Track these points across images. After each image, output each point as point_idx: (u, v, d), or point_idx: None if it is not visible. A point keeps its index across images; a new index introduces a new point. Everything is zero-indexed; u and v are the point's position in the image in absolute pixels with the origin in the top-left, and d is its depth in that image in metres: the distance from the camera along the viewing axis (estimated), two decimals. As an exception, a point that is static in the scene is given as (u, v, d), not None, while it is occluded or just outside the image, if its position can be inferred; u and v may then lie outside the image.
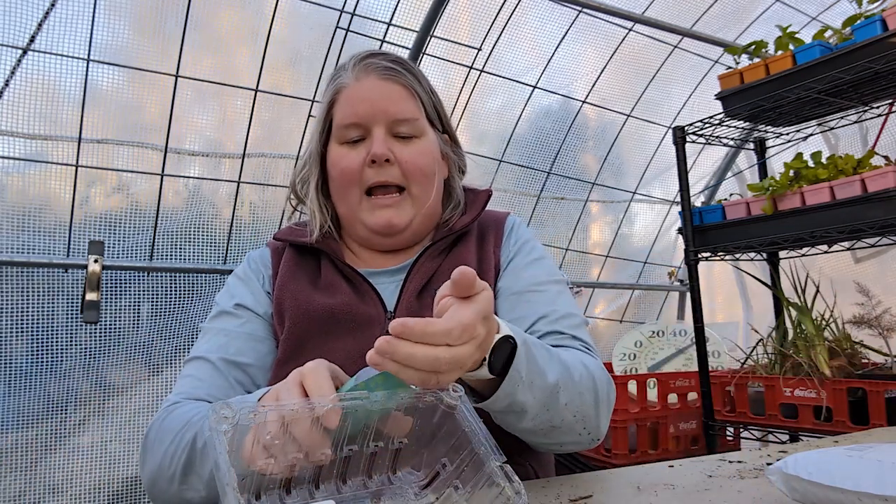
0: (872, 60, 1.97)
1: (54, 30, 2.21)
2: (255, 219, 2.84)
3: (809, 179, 2.17)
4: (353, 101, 1.09)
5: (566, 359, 0.94)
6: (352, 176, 1.10)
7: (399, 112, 1.09)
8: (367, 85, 1.09)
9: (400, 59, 1.14)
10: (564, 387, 0.90)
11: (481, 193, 1.24)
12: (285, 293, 1.11)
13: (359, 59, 1.13)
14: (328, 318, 1.07)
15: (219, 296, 1.18)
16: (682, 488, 0.87)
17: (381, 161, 1.07)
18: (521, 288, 1.12)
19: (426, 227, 1.18)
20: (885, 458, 0.66)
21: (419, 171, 1.11)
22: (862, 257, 3.38)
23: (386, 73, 1.10)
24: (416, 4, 2.78)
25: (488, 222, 1.23)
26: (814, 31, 2.25)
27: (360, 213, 1.12)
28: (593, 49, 3.31)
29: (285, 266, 1.15)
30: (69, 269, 2.39)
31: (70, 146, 2.36)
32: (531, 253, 1.20)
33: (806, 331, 2.15)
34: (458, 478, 0.73)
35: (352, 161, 1.10)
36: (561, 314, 1.09)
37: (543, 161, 3.46)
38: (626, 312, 4.00)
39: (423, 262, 1.12)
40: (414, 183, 1.11)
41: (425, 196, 1.13)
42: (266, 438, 0.65)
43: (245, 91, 2.62)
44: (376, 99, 1.08)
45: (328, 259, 1.15)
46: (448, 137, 1.22)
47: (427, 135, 1.14)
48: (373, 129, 1.09)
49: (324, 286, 1.12)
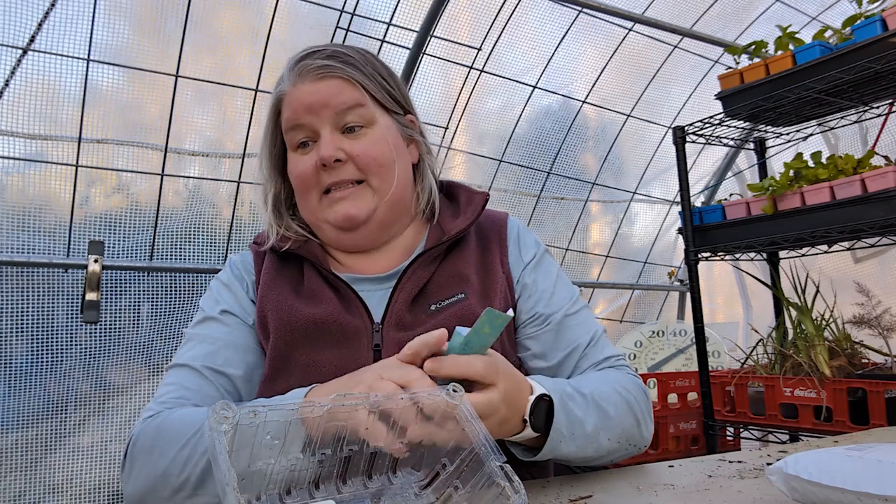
0: (872, 60, 1.97)
1: (54, 30, 2.21)
2: (255, 219, 2.84)
3: (809, 179, 2.17)
4: (293, 104, 1.05)
5: (601, 395, 0.96)
6: (308, 180, 1.06)
7: (340, 104, 1.04)
8: (304, 90, 1.04)
9: (336, 52, 1.07)
10: (603, 427, 0.94)
11: (477, 196, 1.17)
12: (267, 303, 1.06)
13: (293, 62, 1.08)
14: (313, 328, 1.01)
15: (203, 300, 1.13)
16: (682, 488, 0.87)
17: (331, 163, 1.02)
18: (560, 316, 1.09)
19: (395, 216, 1.10)
20: (885, 458, 0.66)
21: (374, 162, 1.05)
22: (862, 257, 3.39)
23: (320, 72, 1.04)
24: (416, 4, 2.78)
25: (487, 225, 1.17)
26: (814, 31, 2.25)
27: (321, 213, 1.07)
28: (593, 49, 3.31)
29: (266, 273, 1.10)
30: (69, 269, 2.39)
31: (70, 146, 2.36)
32: (549, 269, 1.15)
33: (806, 331, 2.15)
34: (458, 478, 0.73)
35: (306, 166, 1.05)
36: (592, 335, 1.10)
37: (543, 161, 3.46)
38: (626, 312, 4.00)
39: (416, 270, 1.06)
40: (372, 175, 1.05)
41: (386, 185, 1.06)
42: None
43: (245, 91, 2.62)
44: (315, 101, 1.04)
45: (311, 265, 1.09)
46: (413, 118, 1.16)
47: (378, 122, 1.07)
48: (320, 130, 1.04)
49: (307, 294, 1.06)
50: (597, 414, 0.93)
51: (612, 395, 0.98)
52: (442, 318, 1.00)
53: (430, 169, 1.17)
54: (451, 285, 1.05)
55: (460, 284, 1.05)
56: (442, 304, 1.03)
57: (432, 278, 1.06)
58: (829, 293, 2.23)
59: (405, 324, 1.01)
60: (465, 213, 1.14)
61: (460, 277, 1.06)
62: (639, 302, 4.09)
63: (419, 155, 1.16)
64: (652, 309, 4.14)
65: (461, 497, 0.72)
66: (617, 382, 1.02)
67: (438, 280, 1.06)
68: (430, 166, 1.17)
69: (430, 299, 1.04)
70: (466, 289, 1.05)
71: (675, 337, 3.51)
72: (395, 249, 1.13)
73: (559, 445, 0.87)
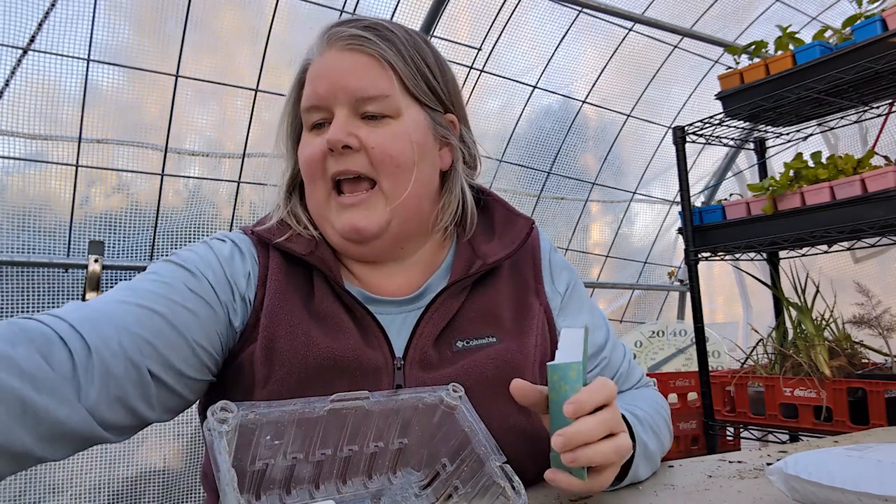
0: (872, 60, 1.97)
1: (54, 30, 2.21)
2: (255, 219, 2.82)
3: (809, 179, 2.17)
4: (314, 78, 0.91)
5: (649, 417, 0.96)
6: (315, 166, 0.90)
7: (362, 88, 0.88)
8: (328, 58, 0.90)
9: (377, 24, 0.93)
10: (658, 448, 0.95)
11: (520, 221, 1.01)
12: (279, 326, 0.86)
13: (326, 27, 0.94)
14: (330, 366, 0.85)
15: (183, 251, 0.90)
16: (682, 488, 0.87)
17: (338, 148, 0.87)
18: (604, 351, 1.04)
19: (410, 230, 0.94)
20: (885, 458, 0.66)
21: (390, 159, 0.88)
22: (861, 257, 3.39)
23: (350, 42, 0.90)
24: (416, 4, 2.78)
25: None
26: (814, 31, 2.25)
27: (328, 214, 0.92)
28: (593, 49, 3.31)
29: (275, 279, 0.90)
30: (69, 269, 2.39)
31: (70, 146, 2.36)
32: (582, 299, 1.07)
33: (806, 331, 2.15)
34: (458, 478, 0.73)
35: (314, 149, 0.90)
36: (627, 358, 1.09)
37: (543, 161, 3.46)
38: (626, 312, 4.00)
39: (445, 300, 0.92)
40: (384, 174, 0.89)
41: (399, 190, 0.90)
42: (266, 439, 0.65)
43: (245, 91, 2.62)
44: (337, 75, 0.89)
45: (321, 274, 0.92)
46: (454, 119, 0.98)
47: (404, 114, 0.91)
48: (334, 111, 0.90)
49: (320, 315, 0.89)
50: (652, 434, 0.94)
51: (656, 416, 0.99)
52: (469, 362, 0.89)
53: (462, 180, 0.99)
54: (480, 323, 0.94)
55: (490, 325, 0.94)
56: (470, 344, 0.92)
57: (461, 310, 0.94)
58: (828, 293, 2.23)
59: (430, 362, 0.89)
60: (501, 236, 1.00)
61: (492, 316, 0.95)
62: (639, 302, 4.09)
63: (451, 162, 0.98)
64: (652, 309, 4.14)
65: (461, 497, 0.72)
66: (654, 402, 1.04)
67: (468, 313, 0.94)
68: (464, 178, 1.00)
69: (456, 335, 0.92)
70: (497, 332, 0.94)
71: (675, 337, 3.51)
72: (415, 266, 0.98)
73: (638, 470, 0.87)
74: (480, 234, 1.00)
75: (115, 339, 0.73)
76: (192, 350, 0.80)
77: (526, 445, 0.89)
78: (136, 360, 0.74)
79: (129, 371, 0.73)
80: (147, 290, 0.80)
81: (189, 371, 0.80)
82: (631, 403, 0.97)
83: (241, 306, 0.88)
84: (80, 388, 0.68)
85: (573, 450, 0.70)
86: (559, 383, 0.73)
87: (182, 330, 0.79)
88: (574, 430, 0.70)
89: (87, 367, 0.69)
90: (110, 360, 0.71)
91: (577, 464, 0.70)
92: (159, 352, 0.76)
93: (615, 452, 0.73)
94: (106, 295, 0.80)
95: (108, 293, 0.80)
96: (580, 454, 0.70)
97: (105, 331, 0.72)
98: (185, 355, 0.80)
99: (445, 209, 0.97)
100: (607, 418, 0.72)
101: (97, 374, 0.70)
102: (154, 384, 0.76)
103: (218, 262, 0.89)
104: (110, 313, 0.75)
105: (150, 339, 0.76)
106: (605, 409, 0.73)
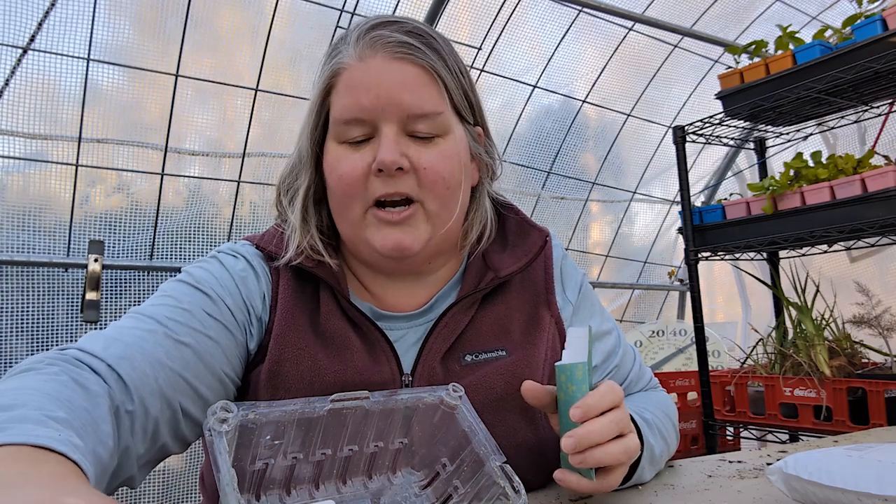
0: (872, 60, 1.97)
1: (54, 29, 2.21)
2: (256, 218, 2.84)
3: (809, 179, 2.17)
4: (356, 88, 0.82)
5: (657, 420, 0.96)
6: (354, 185, 0.84)
7: (416, 105, 0.82)
8: (374, 67, 0.82)
9: (419, 28, 0.86)
10: (664, 450, 0.95)
11: (534, 233, 0.97)
12: (286, 349, 0.84)
13: (364, 29, 0.85)
14: (336, 388, 0.80)
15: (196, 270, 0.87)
16: (682, 488, 0.87)
17: (392, 170, 0.81)
18: (615, 357, 1.03)
19: (443, 247, 0.92)
20: (885, 458, 0.66)
21: (441, 181, 0.84)
22: (857, 257, 3.39)
23: (399, 51, 0.83)
24: (416, 4, 2.78)
25: None
26: (814, 30, 2.25)
27: (363, 231, 0.86)
28: (593, 49, 3.31)
29: (284, 297, 0.87)
30: (69, 269, 2.40)
31: (70, 146, 2.36)
32: (593, 305, 1.04)
33: (806, 330, 2.15)
34: (458, 478, 0.73)
35: (354, 166, 0.83)
36: (636, 360, 1.08)
37: (543, 161, 3.46)
38: (626, 312, 4.00)
39: (455, 314, 0.90)
40: (431, 196, 0.84)
41: (446, 213, 0.86)
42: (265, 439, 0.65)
43: (245, 90, 2.62)
44: (386, 87, 0.82)
45: (327, 288, 0.89)
46: (481, 131, 0.94)
47: (453, 132, 0.86)
48: (381, 125, 0.83)
49: (326, 334, 0.86)
50: (660, 437, 0.93)
51: (663, 418, 0.98)
52: (478, 376, 0.88)
53: (488, 195, 0.96)
54: (490, 336, 0.91)
55: (500, 339, 0.91)
56: (478, 358, 0.89)
57: (471, 323, 0.91)
58: (828, 293, 2.23)
59: (437, 378, 0.87)
60: (514, 247, 0.96)
61: (502, 330, 0.92)
62: (639, 301, 4.10)
63: (479, 177, 0.95)
64: (652, 308, 4.14)
65: (461, 497, 0.72)
66: (662, 404, 1.03)
67: (478, 327, 0.91)
68: (490, 193, 0.96)
69: (464, 348, 0.90)
70: (507, 345, 0.91)
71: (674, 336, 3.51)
72: (428, 281, 0.95)
73: (643, 472, 0.86)
74: (492, 244, 0.97)
75: (152, 376, 0.72)
76: (218, 380, 0.80)
77: (533, 460, 0.88)
78: (170, 397, 0.74)
79: (164, 409, 0.73)
80: (169, 318, 0.78)
81: (214, 400, 0.79)
82: (640, 405, 0.96)
83: (257, 327, 0.86)
84: (119, 429, 0.67)
85: (583, 451, 0.70)
86: (566, 384, 0.74)
87: (208, 360, 0.79)
88: (584, 431, 0.70)
89: (127, 412, 0.69)
90: (149, 398, 0.71)
91: (587, 465, 0.71)
92: (190, 384, 0.76)
93: (624, 453, 0.73)
94: (130, 324, 0.77)
95: (131, 322, 0.78)
96: (589, 455, 0.70)
97: (141, 367, 0.71)
98: (213, 385, 0.80)
99: (473, 225, 0.94)
100: (617, 419, 0.73)
101: (137, 415, 0.69)
102: (183, 419, 0.76)
103: (233, 282, 0.86)
104: (144, 349, 0.73)
105: (181, 373, 0.75)
106: (614, 410, 0.73)
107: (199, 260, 0.90)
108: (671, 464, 1.02)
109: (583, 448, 0.70)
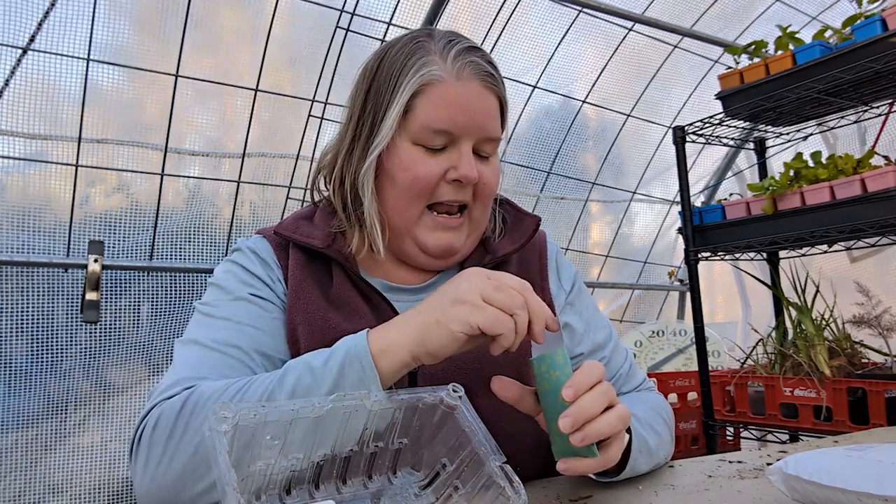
0: (872, 60, 1.97)
1: (54, 29, 2.21)
2: (256, 218, 2.84)
3: (809, 179, 2.17)
4: (452, 105, 0.92)
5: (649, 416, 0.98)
6: (427, 188, 0.94)
7: (492, 130, 0.96)
8: (470, 90, 0.93)
9: (492, 60, 0.99)
10: (659, 444, 0.97)
11: (527, 219, 1.10)
12: (297, 313, 0.94)
13: (458, 50, 0.94)
14: None
15: (223, 279, 0.97)
16: (682, 488, 0.87)
17: (471, 184, 0.94)
18: (605, 350, 1.08)
19: (472, 249, 1.04)
20: (885, 458, 0.66)
21: (490, 193, 0.99)
22: (857, 257, 3.39)
23: (488, 80, 0.95)
24: (416, 4, 2.78)
25: (528, 245, 1.10)
26: (814, 30, 2.25)
27: (416, 229, 0.97)
28: (593, 49, 3.31)
29: (294, 273, 0.98)
30: (69, 269, 2.39)
31: (70, 146, 2.36)
32: (587, 301, 1.12)
33: (806, 330, 2.15)
34: (458, 478, 0.73)
35: (431, 171, 0.93)
36: (628, 360, 1.12)
37: (543, 161, 3.46)
38: (626, 312, 4.00)
39: None
40: (480, 205, 0.98)
41: (484, 218, 1.01)
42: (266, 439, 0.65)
43: (245, 91, 2.62)
44: (476, 111, 0.93)
45: (339, 266, 0.99)
46: None
47: (498, 153, 1.01)
48: (461, 141, 0.94)
49: (337, 301, 0.96)
50: (650, 430, 0.96)
51: (653, 415, 1.01)
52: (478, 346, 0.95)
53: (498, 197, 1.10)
54: None
55: None
56: None
57: None
58: (828, 293, 2.23)
59: None
60: (511, 233, 1.07)
61: None
62: (639, 302, 4.09)
63: None
64: (652, 309, 4.14)
65: (461, 497, 0.72)
66: (653, 403, 1.06)
67: None
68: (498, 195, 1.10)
69: None
70: None
71: (675, 337, 3.51)
72: None
73: (637, 463, 0.89)
74: (496, 233, 1.07)
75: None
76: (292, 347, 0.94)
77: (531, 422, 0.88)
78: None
79: None
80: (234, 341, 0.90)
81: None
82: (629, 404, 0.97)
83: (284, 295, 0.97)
84: None
85: (581, 428, 0.72)
86: (548, 372, 0.75)
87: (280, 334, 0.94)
88: (576, 408, 0.72)
89: None
90: None
91: (588, 440, 0.72)
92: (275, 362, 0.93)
93: (619, 420, 0.75)
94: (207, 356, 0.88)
95: (206, 354, 0.89)
96: (589, 430, 0.72)
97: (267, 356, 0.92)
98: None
99: (490, 225, 1.06)
100: (604, 390, 0.76)
101: None
102: None
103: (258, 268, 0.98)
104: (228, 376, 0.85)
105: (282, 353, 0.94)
106: (600, 383, 0.76)
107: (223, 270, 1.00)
108: (671, 464, 1.02)
109: (580, 424, 0.72)
